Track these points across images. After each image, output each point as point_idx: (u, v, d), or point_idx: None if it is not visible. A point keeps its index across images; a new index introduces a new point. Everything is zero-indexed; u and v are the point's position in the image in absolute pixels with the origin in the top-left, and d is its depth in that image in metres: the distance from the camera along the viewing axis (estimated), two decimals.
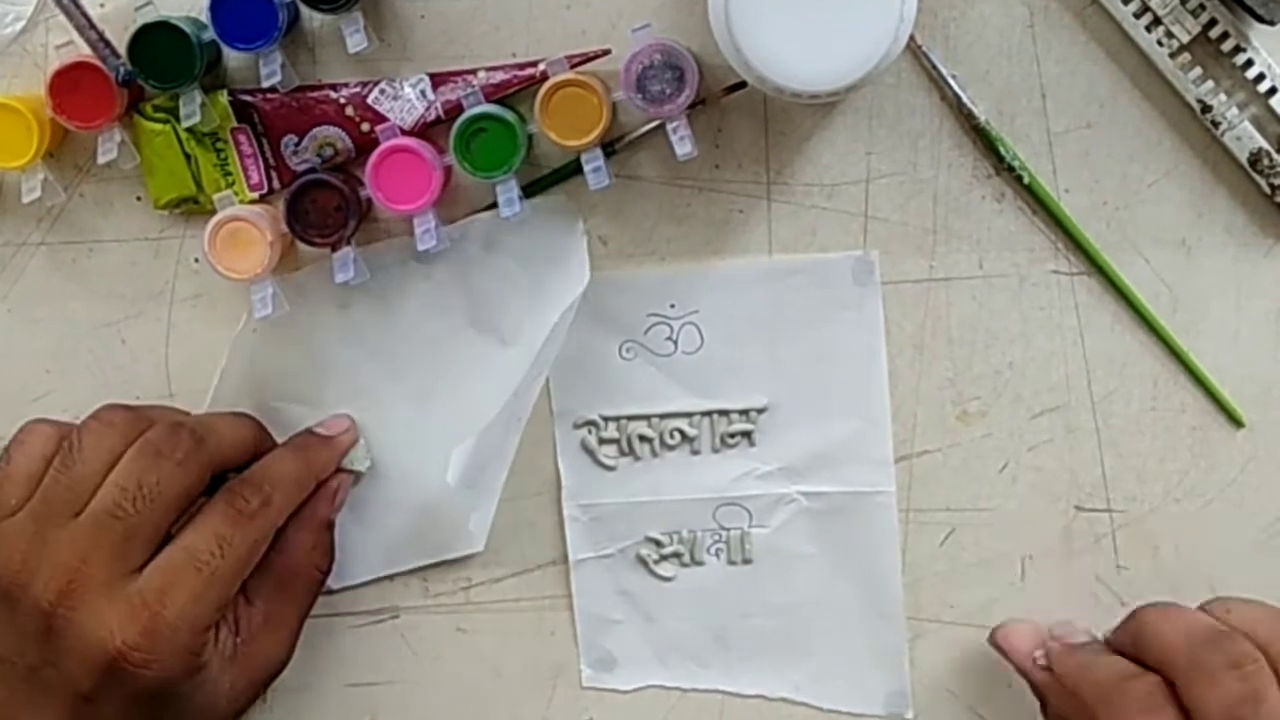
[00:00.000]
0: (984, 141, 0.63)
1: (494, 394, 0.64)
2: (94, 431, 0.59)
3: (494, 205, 0.63)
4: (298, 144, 0.64)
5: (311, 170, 0.64)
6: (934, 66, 0.63)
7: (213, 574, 0.58)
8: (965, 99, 0.63)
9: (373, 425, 0.67)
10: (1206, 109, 0.62)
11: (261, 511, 0.60)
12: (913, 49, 0.63)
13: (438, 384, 0.67)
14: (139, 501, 0.57)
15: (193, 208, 0.66)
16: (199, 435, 0.60)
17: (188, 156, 0.65)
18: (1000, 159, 0.63)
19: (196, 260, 0.67)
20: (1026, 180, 0.63)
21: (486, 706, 0.69)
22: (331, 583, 0.67)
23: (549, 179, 0.65)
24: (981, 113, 0.63)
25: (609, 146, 0.64)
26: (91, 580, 0.56)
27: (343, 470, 0.66)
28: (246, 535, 0.59)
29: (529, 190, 0.65)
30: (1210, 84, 0.62)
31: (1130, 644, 0.58)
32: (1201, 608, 0.58)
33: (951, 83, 0.63)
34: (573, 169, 0.64)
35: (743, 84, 0.63)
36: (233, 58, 0.65)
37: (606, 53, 0.63)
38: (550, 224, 0.65)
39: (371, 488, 0.68)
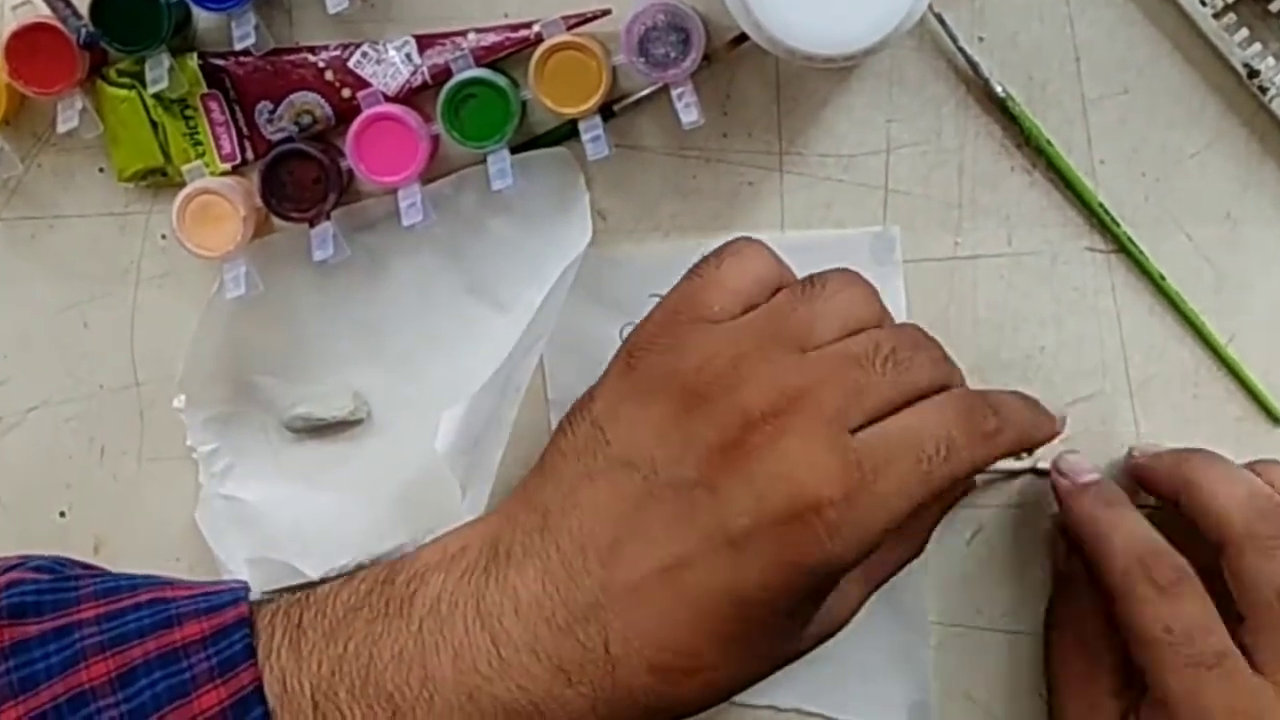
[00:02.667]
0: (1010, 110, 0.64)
1: (488, 360, 0.65)
2: (842, 282, 0.56)
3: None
4: (273, 111, 0.65)
5: (288, 140, 0.64)
6: (950, 33, 0.63)
7: (927, 473, 0.52)
8: (983, 68, 0.63)
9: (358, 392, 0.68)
10: (1254, 73, 0.62)
11: (992, 439, 0.55)
12: (933, 11, 0.63)
13: (428, 351, 0.67)
14: (887, 366, 0.53)
15: (160, 180, 0.66)
16: (950, 369, 0.57)
17: (154, 125, 0.65)
18: (1023, 130, 0.64)
19: (164, 236, 0.67)
20: (1050, 156, 0.64)
21: None
22: (312, 573, 0.67)
23: (542, 146, 0.65)
24: (1001, 81, 0.63)
25: (607, 109, 0.64)
26: (813, 411, 0.52)
27: (337, 420, 0.67)
28: (971, 453, 0.54)
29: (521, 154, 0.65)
30: (1257, 46, 0.62)
31: (1169, 492, 0.61)
32: (1250, 467, 0.61)
33: (968, 49, 0.63)
34: (567, 135, 0.65)
35: (744, 35, 0.63)
36: (203, 18, 0.65)
37: (606, 13, 0.63)
38: (549, 177, 0.65)
39: (358, 461, 0.68)
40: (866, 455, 0.51)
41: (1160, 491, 0.63)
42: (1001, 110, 0.64)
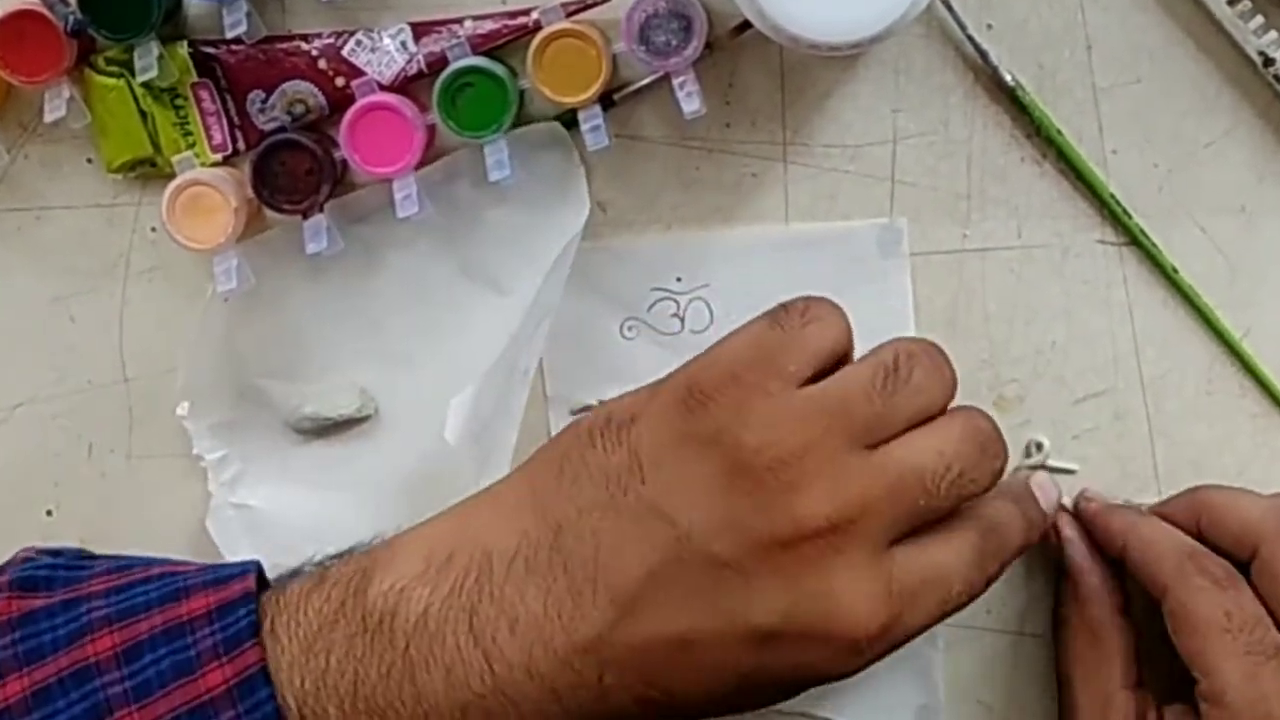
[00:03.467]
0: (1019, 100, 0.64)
1: (492, 344, 0.65)
2: (926, 371, 0.55)
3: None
4: (265, 101, 0.65)
5: (280, 130, 0.64)
6: (958, 20, 0.63)
7: (944, 611, 0.54)
8: (992, 56, 0.63)
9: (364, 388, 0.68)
10: (1269, 62, 0.62)
11: (994, 577, 0.57)
12: None
13: (430, 341, 0.67)
14: (946, 487, 0.53)
15: (149, 171, 0.66)
16: (1003, 448, 0.57)
17: (144, 114, 0.65)
18: (1033, 120, 0.64)
19: (153, 229, 0.67)
20: (1060, 147, 0.64)
21: None
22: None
23: None
24: (1010, 70, 0.63)
25: (607, 98, 0.64)
26: (865, 534, 0.52)
27: (345, 419, 0.67)
28: (976, 591, 0.56)
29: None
30: (1273, 34, 0.62)
31: (1187, 515, 0.62)
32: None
33: (976, 37, 0.63)
34: (566, 124, 0.65)
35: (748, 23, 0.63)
36: (193, 5, 0.65)
37: None
38: (543, 153, 0.65)
39: (368, 458, 0.68)
40: (905, 589, 0.52)
41: (1179, 525, 0.62)
42: (1011, 99, 0.64)
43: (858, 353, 0.57)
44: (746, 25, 0.62)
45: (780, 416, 0.52)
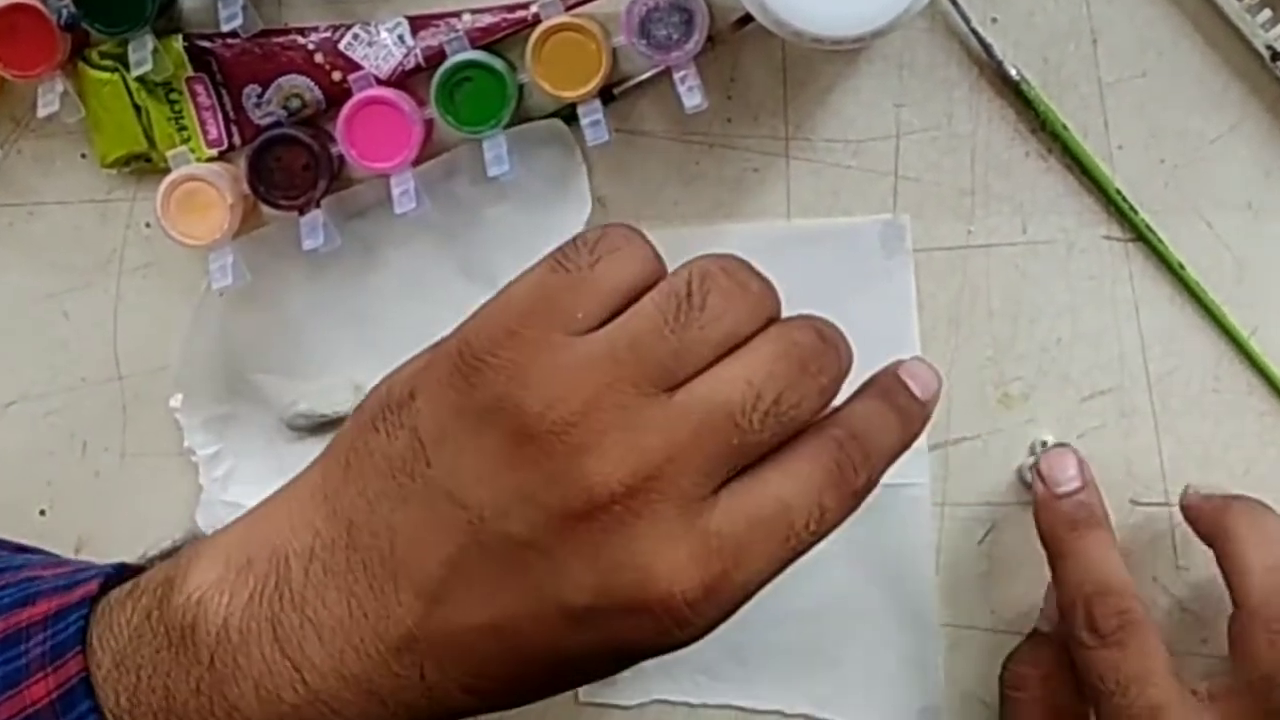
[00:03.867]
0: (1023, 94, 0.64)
1: None
2: (724, 292, 0.49)
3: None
4: (261, 95, 0.65)
5: (277, 124, 0.64)
6: (962, 14, 0.63)
7: (795, 549, 0.49)
8: (996, 50, 0.63)
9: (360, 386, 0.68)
10: (1277, 56, 0.62)
11: (863, 491, 0.51)
12: None
13: (428, 338, 0.66)
14: (760, 418, 0.47)
15: (144, 166, 0.66)
16: (842, 355, 0.51)
17: (138, 109, 0.65)
18: (1038, 114, 0.64)
19: (148, 225, 0.67)
20: (1066, 142, 0.64)
21: None
22: None
23: None
24: (1015, 64, 0.63)
25: (606, 92, 0.64)
26: (669, 489, 0.46)
27: (340, 416, 0.67)
28: (840, 514, 0.50)
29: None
30: None
31: (1209, 525, 0.61)
32: None
33: (981, 31, 0.63)
34: (565, 119, 0.65)
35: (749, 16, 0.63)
36: None
37: None
38: (544, 150, 0.65)
39: None
40: (729, 539, 0.47)
41: (1201, 535, 0.62)
42: (1016, 94, 0.64)
43: (873, 347, 0.54)
44: (748, 19, 0.62)
45: (563, 371, 0.47)
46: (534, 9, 0.63)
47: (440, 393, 0.49)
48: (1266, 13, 0.62)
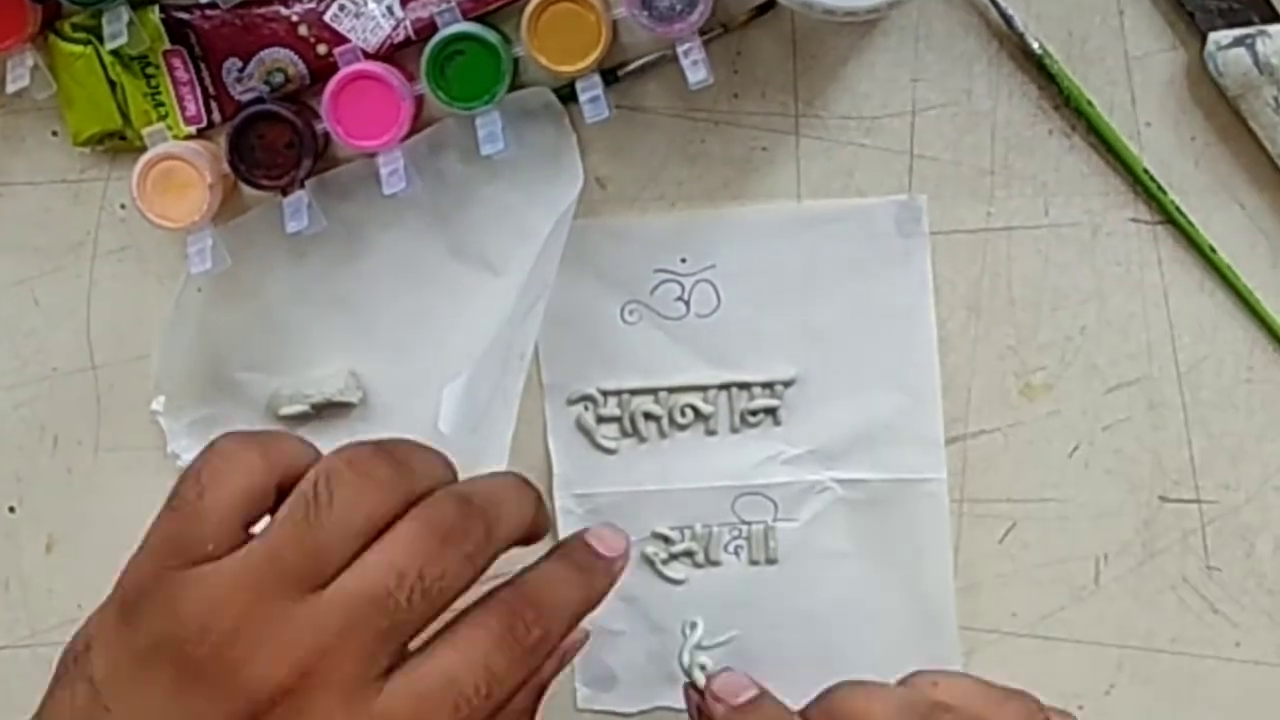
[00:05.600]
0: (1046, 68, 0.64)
1: (484, 327, 0.64)
2: (350, 485, 0.51)
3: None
4: (242, 69, 0.64)
5: (258, 100, 0.64)
6: None
7: (470, 716, 0.51)
8: (1018, 22, 0.63)
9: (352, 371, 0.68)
10: None
11: (540, 646, 0.53)
12: None
13: (420, 325, 0.67)
14: (414, 596, 0.50)
15: (119, 144, 0.66)
16: (490, 519, 0.54)
17: (113, 84, 0.65)
18: (1061, 90, 0.64)
19: (123, 206, 0.67)
20: (1091, 118, 0.64)
21: None
22: None
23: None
24: (1038, 36, 0.63)
25: (609, 73, 0.64)
26: (329, 682, 0.49)
27: (328, 401, 0.67)
28: (516, 674, 0.53)
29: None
30: None
31: None
32: (901, 683, 0.58)
33: (1001, 2, 0.63)
34: (563, 95, 0.64)
35: (771, 3, 0.62)
36: None
37: None
38: (533, 123, 0.65)
39: None
40: (394, 718, 0.50)
41: None
42: (1038, 68, 0.64)
43: (888, 335, 0.57)
44: (764, 8, 0.62)
45: (210, 596, 0.50)
46: None
47: (109, 640, 0.51)
48: None
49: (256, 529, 0.52)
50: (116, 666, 0.51)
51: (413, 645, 0.51)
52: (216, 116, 0.65)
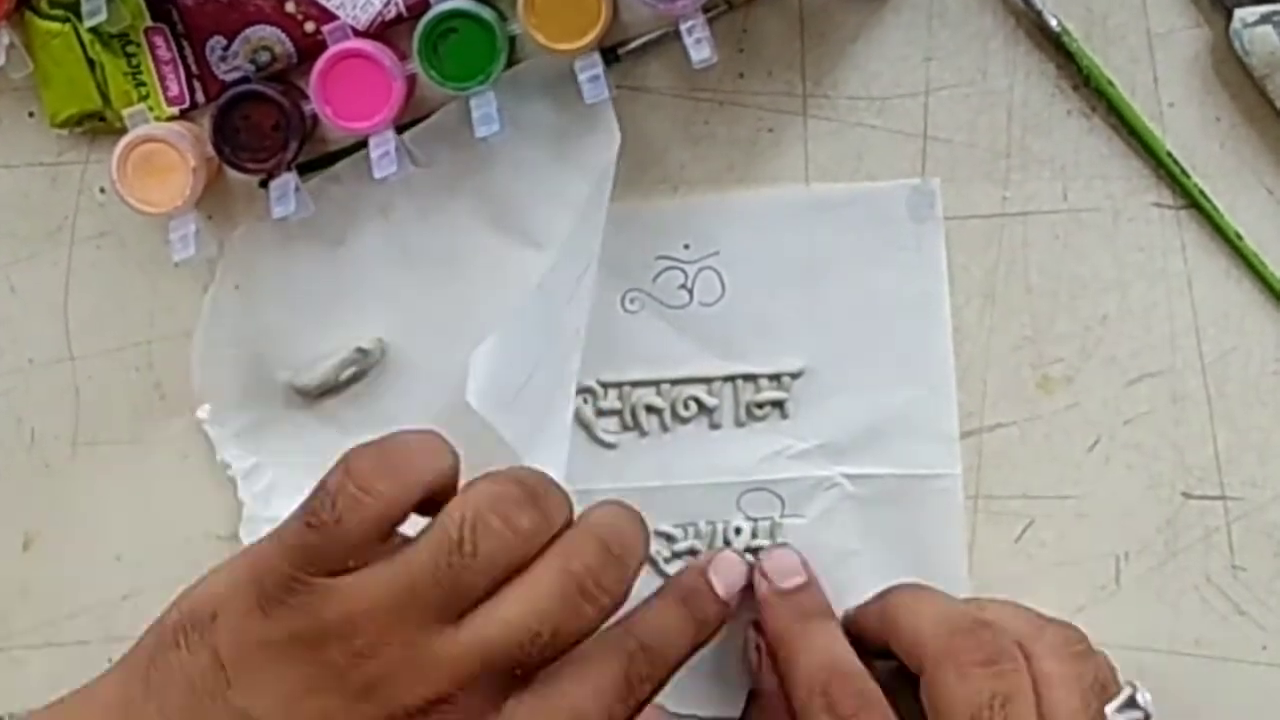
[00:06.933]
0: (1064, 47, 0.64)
1: (519, 298, 0.64)
2: (496, 538, 0.54)
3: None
4: (227, 48, 0.64)
5: (244, 80, 0.64)
6: None
7: None
8: None
9: (392, 369, 0.68)
10: None
11: (651, 690, 0.58)
12: None
13: (455, 301, 0.67)
14: (545, 649, 0.54)
15: (98, 126, 0.66)
16: (625, 568, 0.57)
17: (91, 63, 0.65)
18: (1081, 69, 0.63)
19: (102, 190, 0.67)
20: (1111, 99, 0.63)
21: None
22: None
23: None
24: (1056, 13, 0.63)
25: (609, 52, 0.63)
26: (460, 709, 0.54)
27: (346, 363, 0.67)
28: (628, 712, 0.57)
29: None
30: None
31: (877, 622, 0.63)
32: None
33: None
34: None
35: None
36: None
37: None
38: (565, 81, 0.64)
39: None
40: None
41: (872, 633, 0.64)
42: (1056, 46, 0.63)
43: (900, 325, 0.60)
44: None
45: (351, 611, 0.54)
46: None
47: (241, 622, 0.54)
48: None
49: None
50: (246, 649, 0.54)
51: None
52: (200, 97, 0.65)
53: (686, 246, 0.66)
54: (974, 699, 0.57)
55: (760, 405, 0.66)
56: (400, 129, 0.64)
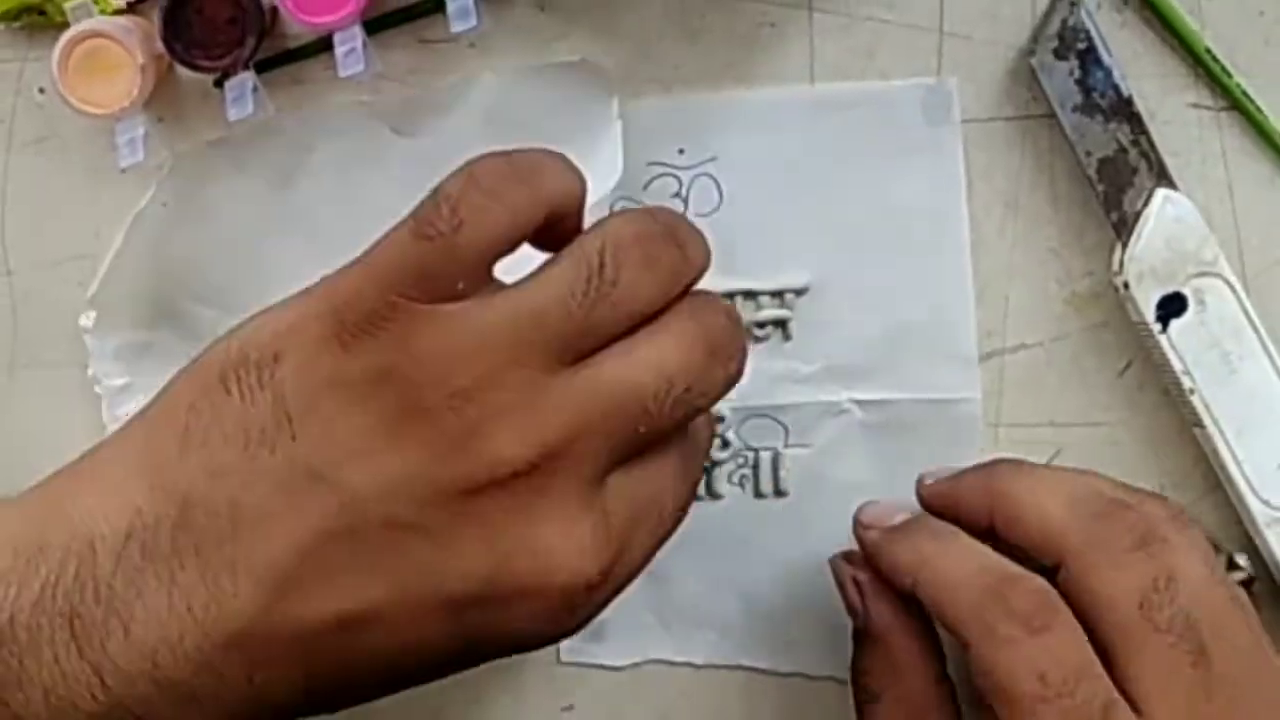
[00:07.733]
0: None
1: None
2: (637, 268, 0.52)
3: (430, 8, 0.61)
4: None
5: None
6: None
7: (660, 538, 0.54)
8: None
9: None
10: None
11: (701, 472, 0.59)
12: None
13: None
14: (669, 407, 0.51)
15: (37, 20, 0.64)
16: (745, 340, 0.55)
17: None
18: None
19: (42, 90, 0.66)
20: None
21: (427, 697, 0.64)
22: None
23: None
24: None
25: None
26: (575, 468, 0.50)
27: None
28: (688, 499, 0.56)
29: None
30: None
31: (982, 509, 0.59)
32: None
33: None
34: None
35: None
36: None
37: None
38: (573, 96, 0.64)
39: None
40: (621, 522, 0.52)
41: (969, 516, 0.60)
42: None
43: (914, 237, 0.58)
44: None
45: (457, 344, 0.50)
46: None
47: (312, 360, 0.50)
48: None
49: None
50: (315, 391, 0.49)
51: None
52: None
53: (681, 151, 0.65)
54: (1139, 585, 0.54)
55: (761, 325, 0.65)
56: (368, 26, 0.62)
